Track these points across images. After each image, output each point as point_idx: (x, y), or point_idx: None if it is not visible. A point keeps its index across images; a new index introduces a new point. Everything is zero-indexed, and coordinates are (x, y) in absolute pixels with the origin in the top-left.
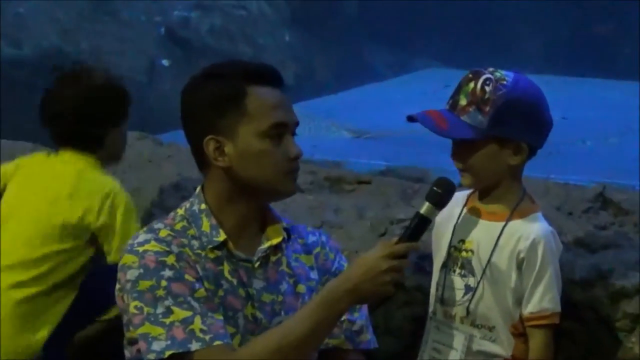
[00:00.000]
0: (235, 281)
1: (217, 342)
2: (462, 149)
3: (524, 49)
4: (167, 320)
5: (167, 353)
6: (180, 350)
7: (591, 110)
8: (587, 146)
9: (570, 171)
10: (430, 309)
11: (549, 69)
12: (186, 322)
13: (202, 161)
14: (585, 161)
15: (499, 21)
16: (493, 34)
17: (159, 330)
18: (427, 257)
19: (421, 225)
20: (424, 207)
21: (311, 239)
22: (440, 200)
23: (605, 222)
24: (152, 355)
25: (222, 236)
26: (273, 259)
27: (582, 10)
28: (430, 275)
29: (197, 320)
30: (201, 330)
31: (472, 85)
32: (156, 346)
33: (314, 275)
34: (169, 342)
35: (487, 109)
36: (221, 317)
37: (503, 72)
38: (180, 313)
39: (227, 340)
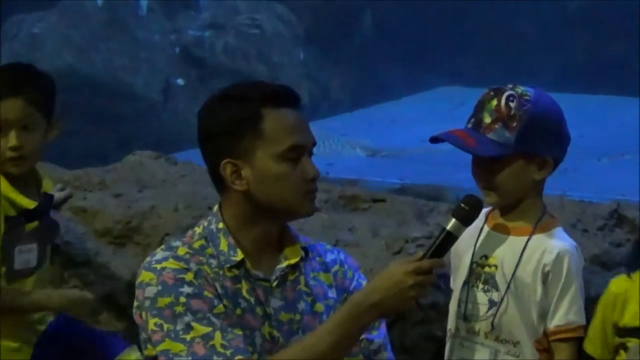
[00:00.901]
0: (253, 300)
1: (238, 357)
2: (487, 167)
3: (539, 67)
4: (188, 337)
5: None
6: None
7: (606, 127)
8: (602, 163)
9: (585, 188)
10: (451, 326)
11: (563, 86)
12: (207, 337)
13: (219, 183)
14: (599, 178)
15: (513, 40)
16: (508, 52)
17: (180, 346)
18: (443, 275)
19: (447, 242)
20: (451, 224)
21: (330, 257)
22: (467, 217)
23: (620, 239)
24: None
25: (239, 256)
26: (291, 277)
27: (597, 28)
28: (446, 293)
29: (218, 335)
30: (222, 346)
31: (495, 102)
32: None
33: (332, 294)
34: (190, 358)
35: (514, 125)
36: (241, 333)
37: (523, 87)
38: (201, 329)
39: (248, 355)
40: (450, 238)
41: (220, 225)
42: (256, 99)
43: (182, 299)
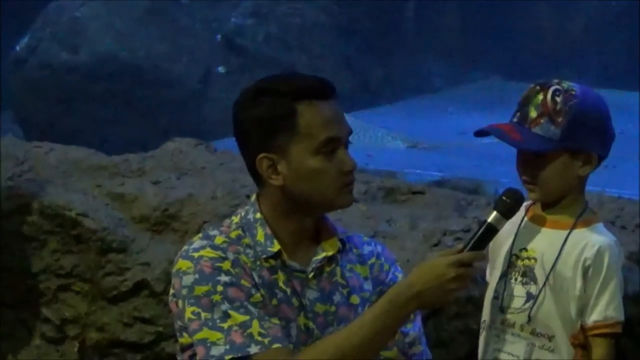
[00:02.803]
0: (289, 291)
1: (276, 345)
2: (532, 162)
3: (582, 62)
4: (225, 325)
5: (227, 358)
6: (240, 355)
7: None
8: None
9: (625, 185)
10: (486, 317)
11: (606, 83)
12: (244, 326)
13: (257, 176)
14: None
15: (556, 34)
16: (549, 47)
17: (218, 335)
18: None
19: (488, 234)
20: (492, 216)
21: (367, 249)
22: (508, 210)
23: None
24: None
25: (276, 247)
26: (327, 269)
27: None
28: (482, 286)
29: (255, 323)
30: (259, 334)
31: (541, 97)
32: (215, 351)
33: (367, 286)
34: (227, 346)
35: (560, 119)
36: (278, 322)
37: (569, 83)
38: (238, 317)
39: (286, 344)
40: (491, 230)
41: (258, 215)
42: (289, 93)
43: (220, 288)
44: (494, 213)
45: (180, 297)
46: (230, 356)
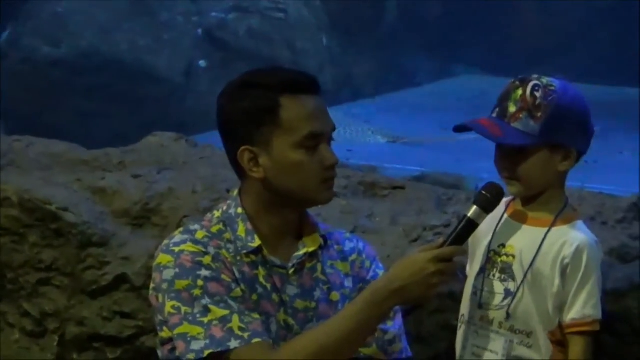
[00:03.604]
0: (269, 286)
1: (256, 340)
2: (511, 157)
3: (562, 58)
4: (206, 319)
5: (207, 352)
6: (219, 349)
7: (629, 120)
8: (624, 157)
9: (605, 181)
10: (464, 313)
11: (587, 78)
12: (224, 320)
13: (239, 169)
14: (620, 171)
15: (539, 30)
16: (531, 43)
17: (198, 329)
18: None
19: (467, 229)
20: (472, 211)
21: (348, 245)
22: (488, 204)
23: (639, 232)
24: (191, 355)
25: (256, 242)
26: (308, 265)
27: (624, 19)
28: (463, 281)
29: (235, 318)
30: (240, 328)
31: (520, 92)
32: (195, 346)
33: (348, 283)
34: (207, 341)
35: (539, 115)
36: (258, 317)
37: (548, 78)
38: (218, 311)
39: (266, 338)
40: (471, 225)
41: (239, 210)
42: (274, 86)
43: (200, 282)
44: (474, 207)
45: (161, 291)
46: (210, 351)
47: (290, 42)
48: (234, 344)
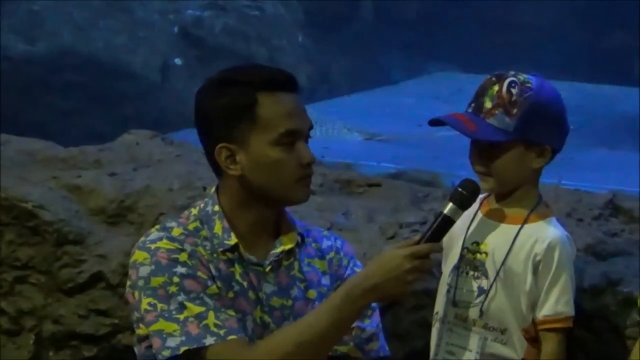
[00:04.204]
0: (245, 284)
1: (231, 337)
2: (486, 153)
3: (538, 55)
4: (181, 316)
5: (182, 349)
6: (195, 346)
7: (604, 117)
8: (599, 153)
9: (581, 178)
10: (439, 311)
11: (562, 75)
12: (200, 317)
13: (216, 167)
14: (596, 168)
15: (513, 26)
16: (506, 39)
17: (174, 326)
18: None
19: (444, 226)
20: (448, 207)
21: (326, 243)
22: (464, 201)
23: (615, 229)
24: (167, 352)
25: (233, 240)
26: (285, 263)
27: (600, 16)
28: (439, 279)
29: (211, 315)
30: (215, 325)
31: (496, 88)
32: (171, 342)
33: (325, 281)
34: (183, 338)
35: (515, 111)
36: (235, 314)
37: (525, 75)
38: (194, 308)
39: (242, 335)
40: (447, 222)
41: (216, 208)
42: (252, 83)
43: (176, 279)
44: (450, 204)
45: (137, 288)
46: (185, 347)
47: (266, 40)
48: (209, 340)
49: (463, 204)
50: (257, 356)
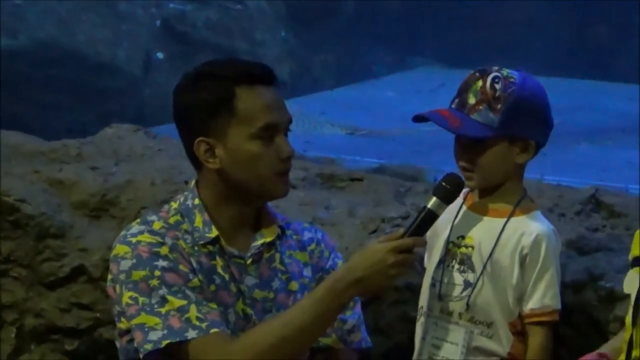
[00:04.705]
0: (227, 276)
1: (214, 330)
2: (470, 149)
3: (521, 50)
4: (163, 310)
5: (165, 343)
6: (177, 340)
7: (587, 112)
8: (581, 148)
9: (563, 173)
10: (423, 305)
11: (546, 70)
12: (182, 310)
13: (195, 161)
14: (578, 163)
15: (496, 22)
16: (490, 34)
17: (156, 320)
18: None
19: (427, 220)
20: (432, 202)
21: (307, 235)
22: (448, 195)
23: (597, 224)
24: (149, 346)
25: (214, 233)
26: (266, 255)
27: (582, 12)
28: (421, 273)
29: (193, 308)
30: (197, 319)
31: (480, 83)
32: (153, 336)
33: (307, 272)
34: (165, 331)
35: (499, 106)
36: (216, 307)
37: (509, 70)
38: (176, 302)
39: (224, 328)
40: (430, 216)
41: (197, 201)
42: (230, 77)
43: (157, 273)
44: (434, 199)
45: (118, 282)
46: (167, 341)
47: (249, 34)
48: (191, 334)
49: (447, 198)
50: (240, 349)
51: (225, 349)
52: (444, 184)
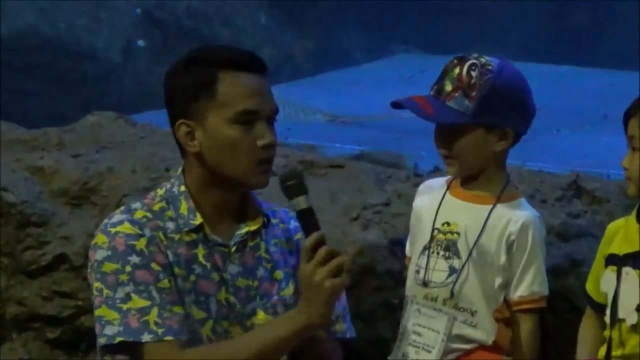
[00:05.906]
0: (209, 265)
1: (168, 337)
2: (448, 136)
3: (502, 35)
4: (125, 307)
5: (118, 339)
6: (131, 339)
7: (566, 98)
8: (562, 134)
9: (544, 159)
10: (408, 292)
11: (526, 56)
12: (143, 311)
13: (180, 146)
14: (559, 149)
15: (477, 7)
16: (470, 19)
17: (114, 314)
18: (398, 242)
19: (310, 218)
20: (299, 202)
21: (293, 224)
22: (298, 187)
23: (578, 210)
24: (103, 339)
25: (198, 220)
26: (251, 244)
27: None
28: (400, 259)
29: (154, 311)
30: (155, 323)
31: (457, 70)
32: (109, 330)
33: (293, 261)
34: (121, 328)
35: (474, 94)
36: (181, 311)
37: (488, 57)
38: (139, 301)
39: (180, 337)
40: (306, 215)
41: (182, 188)
42: (215, 62)
43: (128, 268)
44: (297, 199)
45: (93, 270)
46: (121, 338)
47: (229, 21)
48: (146, 337)
49: (300, 190)
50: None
51: (174, 357)
52: (289, 183)
